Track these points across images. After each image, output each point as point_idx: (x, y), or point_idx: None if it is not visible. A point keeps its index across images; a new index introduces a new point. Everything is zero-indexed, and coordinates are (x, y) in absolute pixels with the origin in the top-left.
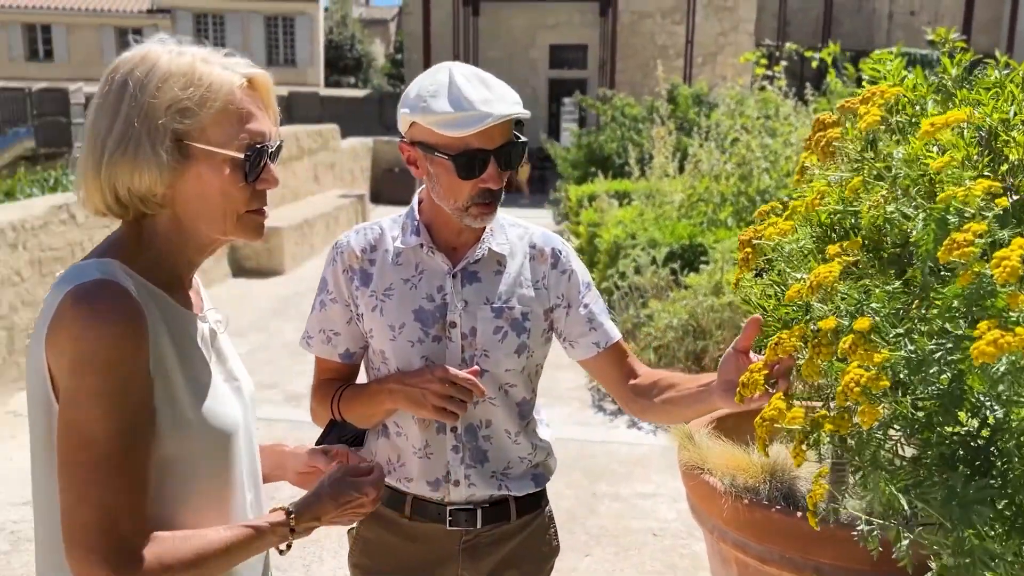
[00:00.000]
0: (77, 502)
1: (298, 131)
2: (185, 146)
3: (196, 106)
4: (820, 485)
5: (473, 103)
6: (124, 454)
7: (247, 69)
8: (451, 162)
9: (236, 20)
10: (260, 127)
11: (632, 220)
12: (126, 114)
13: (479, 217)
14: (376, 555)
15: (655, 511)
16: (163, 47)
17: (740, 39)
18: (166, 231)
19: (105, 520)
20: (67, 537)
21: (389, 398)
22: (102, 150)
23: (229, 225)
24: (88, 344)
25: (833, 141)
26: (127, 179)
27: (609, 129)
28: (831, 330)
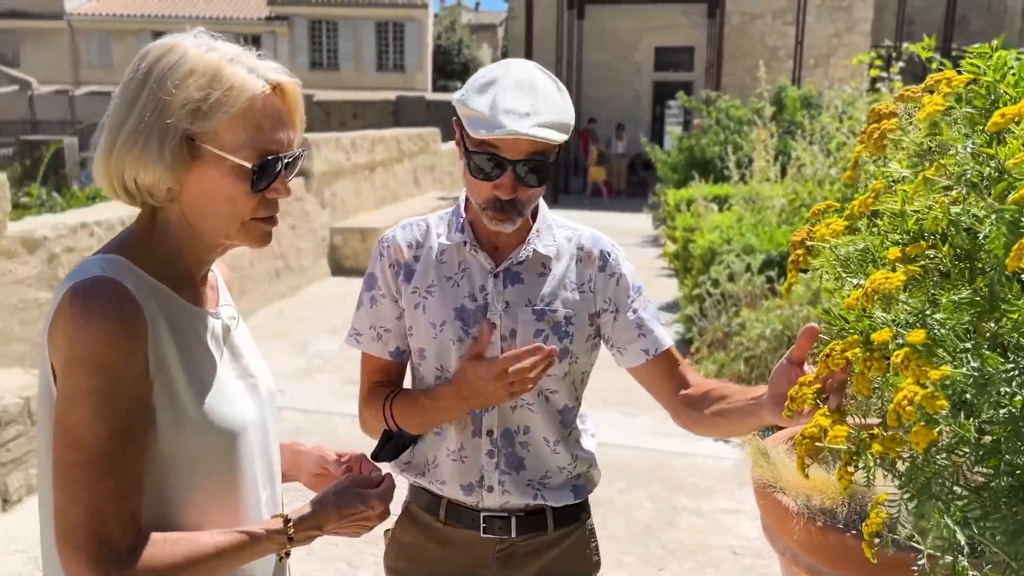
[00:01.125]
0: (68, 502)
1: (399, 134)
2: (196, 145)
3: (210, 109)
4: (878, 514)
5: (498, 109)
6: (115, 455)
7: (275, 75)
8: (466, 158)
9: (349, 27)
10: (277, 136)
11: (729, 226)
12: (141, 107)
13: (493, 221)
14: (411, 559)
15: (736, 528)
16: (194, 40)
17: (855, 40)
18: (177, 227)
19: (93, 521)
20: (58, 536)
21: (452, 411)
22: (115, 138)
23: (233, 230)
24: (80, 343)
25: (888, 133)
26: (133, 171)
27: (712, 132)
28: (885, 343)
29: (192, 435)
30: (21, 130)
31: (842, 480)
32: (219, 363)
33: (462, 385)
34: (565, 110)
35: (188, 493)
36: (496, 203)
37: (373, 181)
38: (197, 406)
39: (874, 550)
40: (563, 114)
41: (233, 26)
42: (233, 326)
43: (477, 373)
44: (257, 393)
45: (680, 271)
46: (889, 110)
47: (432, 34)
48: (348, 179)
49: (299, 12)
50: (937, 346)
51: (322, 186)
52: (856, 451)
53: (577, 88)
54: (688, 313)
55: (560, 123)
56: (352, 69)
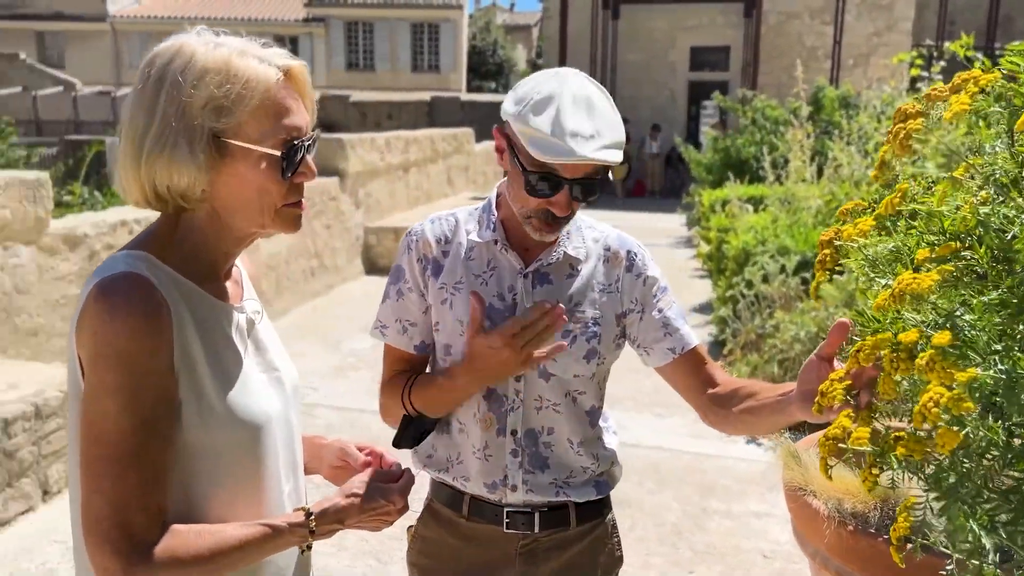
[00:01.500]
0: (93, 493)
1: (433, 134)
2: (223, 143)
3: (233, 104)
4: (906, 517)
5: (564, 132)
6: (138, 449)
7: (284, 60)
8: (524, 176)
9: (384, 28)
10: (296, 121)
11: (764, 227)
12: (163, 112)
13: (538, 231)
14: (434, 554)
15: (768, 532)
16: (199, 39)
17: (896, 39)
18: (203, 224)
19: (118, 513)
20: (84, 528)
21: (470, 388)
22: (140, 147)
23: (267, 219)
24: (105, 339)
25: (913, 133)
26: (166, 177)
27: (748, 132)
28: (912, 344)
29: (217, 428)
30: (65, 130)
31: (866, 482)
32: (244, 357)
33: (475, 360)
34: (620, 127)
35: (213, 486)
36: (548, 216)
37: (407, 181)
38: (222, 400)
39: (902, 554)
40: (620, 133)
41: (271, 27)
42: (257, 320)
43: (487, 343)
44: (281, 386)
45: (714, 272)
46: (915, 110)
47: (467, 35)
48: (382, 179)
49: (335, 13)
50: (967, 348)
51: (356, 186)
52: (881, 453)
53: (612, 88)
54: (721, 314)
55: (619, 142)
56: (388, 70)
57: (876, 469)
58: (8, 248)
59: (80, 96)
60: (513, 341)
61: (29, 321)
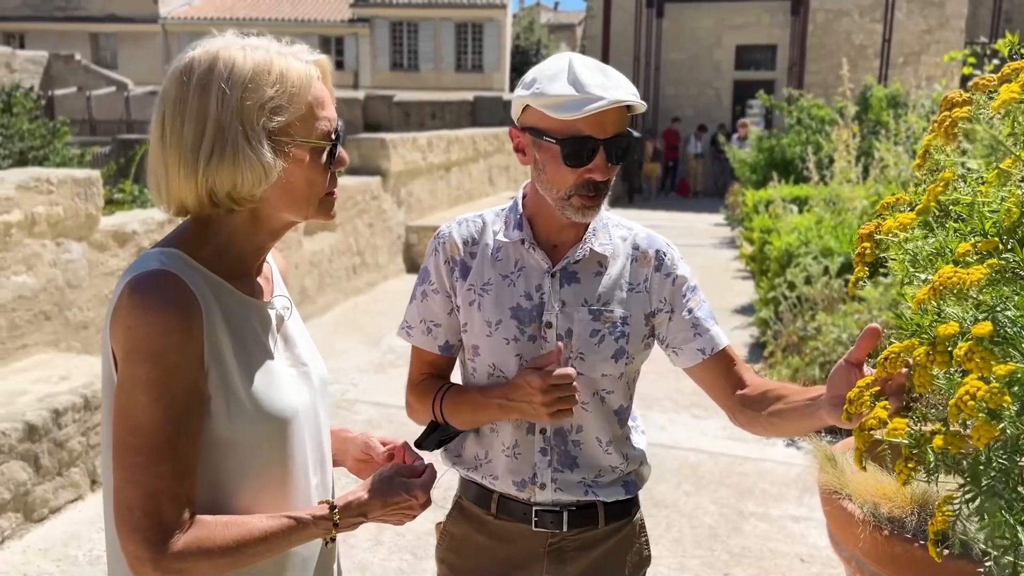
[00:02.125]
0: (124, 484)
1: (475, 134)
2: (278, 141)
3: (287, 103)
4: (944, 512)
5: (587, 86)
6: (169, 441)
7: (312, 56)
8: (558, 146)
9: (429, 27)
10: (332, 112)
11: (808, 228)
12: (216, 117)
13: (580, 210)
14: (462, 551)
15: (806, 536)
16: (233, 43)
17: (948, 37)
18: (238, 222)
19: (149, 503)
20: (116, 515)
21: (500, 412)
22: (196, 156)
23: (311, 210)
24: (138, 333)
25: (959, 122)
26: (228, 183)
27: (793, 131)
28: (951, 336)
29: (245, 422)
30: (117, 129)
31: (901, 475)
32: (272, 352)
33: (513, 388)
34: (633, 88)
35: (241, 478)
36: (589, 186)
37: (448, 180)
38: (250, 394)
39: (939, 550)
40: (632, 85)
41: (317, 28)
42: (287, 316)
43: (527, 379)
44: (309, 381)
45: (756, 273)
46: (962, 98)
47: (511, 34)
48: (424, 178)
49: (380, 14)
50: (1008, 344)
51: (398, 185)
52: (917, 446)
53: (655, 87)
54: (763, 316)
55: (636, 92)
56: (431, 70)
57: (911, 463)
58: (61, 244)
59: (132, 96)
60: (549, 390)
61: (80, 315)
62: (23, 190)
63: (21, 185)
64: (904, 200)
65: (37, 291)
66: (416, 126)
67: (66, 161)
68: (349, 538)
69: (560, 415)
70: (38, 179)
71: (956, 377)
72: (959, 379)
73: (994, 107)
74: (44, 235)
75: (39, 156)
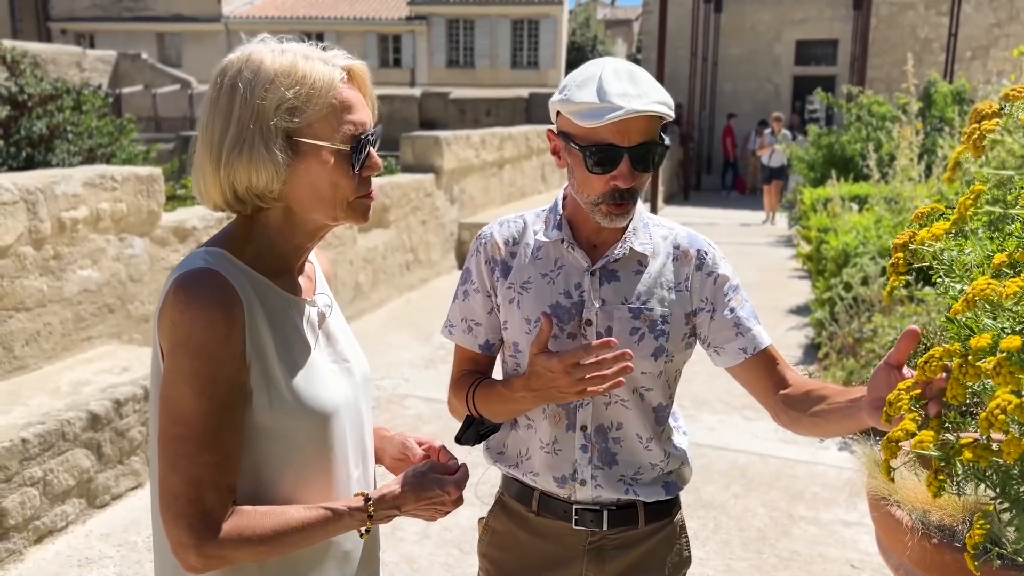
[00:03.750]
0: (168, 472)
1: (528, 131)
2: (295, 142)
3: (303, 104)
4: (982, 525)
5: (609, 95)
6: (212, 431)
7: (345, 61)
8: (581, 153)
9: (485, 25)
10: (361, 117)
11: (867, 227)
12: (238, 116)
13: (608, 216)
14: (504, 547)
15: (857, 542)
16: (266, 47)
17: (1019, 30)
18: (277, 222)
19: (192, 490)
20: (161, 502)
21: (528, 403)
22: (219, 152)
23: (340, 212)
24: (183, 328)
25: (988, 134)
26: (245, 178)
27: (854, 128)
28: (983, 348)
29: (286, 416)
30: (181, 126)
31: (931, 487)
32: (313, 348)
33: (532, 379)
34: (666, 93)
35: (282, 471)
36: (615, 194)
37: (501, 178)
38: (291, 389)
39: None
40: (666, 94)
41: (375, 26)
42: (328, 313)
43: (546, 366)
44: (351, 376)
45: (813, 273)
46: (992, 110)
47: (567, 30)
48: (477, 176)
49: (437, 11)
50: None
51: (451, 182)
52: (946, 458)
53: (712, 83)
54: (818, 317)
55: (667, 102)
56: (487, 67)
57: (942, 475)
58: (124, 239)
59: (195, 94)
60: (572, 369)
61: (141, 308)
62: (89, 187)
63: (87, 182)
64: (940, 209)
65: (101, 285)
66: (471, 123)
67: (132, 158)
68: (397, 531)
69: (586, 393)
70: (103, 176)
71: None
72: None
73: (1023, 119)
74: (108, 230)
75: (107, 153)
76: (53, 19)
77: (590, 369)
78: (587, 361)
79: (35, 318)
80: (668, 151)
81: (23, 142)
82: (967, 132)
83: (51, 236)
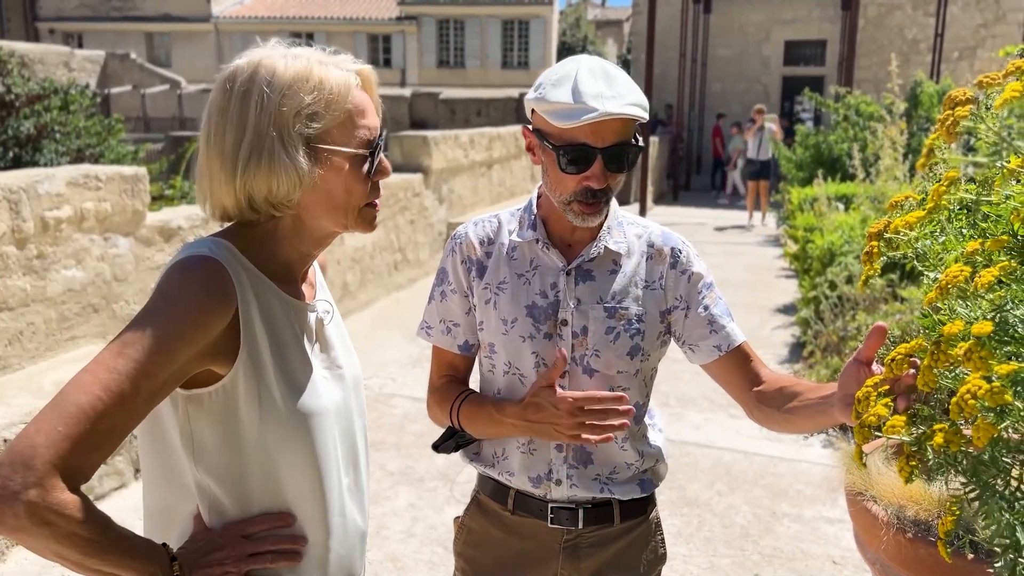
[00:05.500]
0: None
1: (517, 131)
2: (315, 148)
3: (324, 110)
4: (952, 512)
5: (584, 96)
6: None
7: (355, 66)
8: (555, 153)
9: (475, 25)
10: (373, 121)
11: (852, 226)
12: (255, 123)
13: (580, 215)
14: (479, 545)
15: (839, 538)
16: (276, 52)
17: (1006, 31)
18: (285, 229)
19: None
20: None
21: (517, 431)
22: (235, 160)
23: (351, 219)
24: (168, 297)
25: (961, 121)
26: (264, 188)
27: (840, 128)
28: (955, 335)
29: (274, 420)
30: (170, 126)
31: (902, 472)
32: (309, 354)
33: (530, 410)
34: (641, 94)
35: (270, 475)
36: (587, 194)
37: (490, 177)
38: (282, 392)
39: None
40: (642, 95)
41: (365, 26)
42: (327, 320)
43: (552, 401)
44: (343, 383)
45: (800, 272)
46: (965, 97)
47: (557, 31)
48: (466, 175)
49: (428, 12)
50: (1017, 344)
51: (440, 182)
52: (918, 443)
53: (702, 83)
54: (804, 316)
55: (642, 103)
56: (478, 67)
57: (913, 460)
58: (108, 239)
59: (185, 94)
60: (577, 412)
61: (126, 308)
62: (73, 186)
63: (71, 181)
64: (913, 198)
65: (85, 284)
66: (462, 123)
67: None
68: (381, 530)
69: (579, 439)
70: (87, 176)
71: (961, 376)
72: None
73: (996, 105)
74: (93, 230)
75: (95, 153)
76: (41, 19)
77: (596, 416)
78: (594, 407)
79: (18, 318)
80: (641, 152)
81: (10, 142)
82: (941, 119)
83: (34, 235)
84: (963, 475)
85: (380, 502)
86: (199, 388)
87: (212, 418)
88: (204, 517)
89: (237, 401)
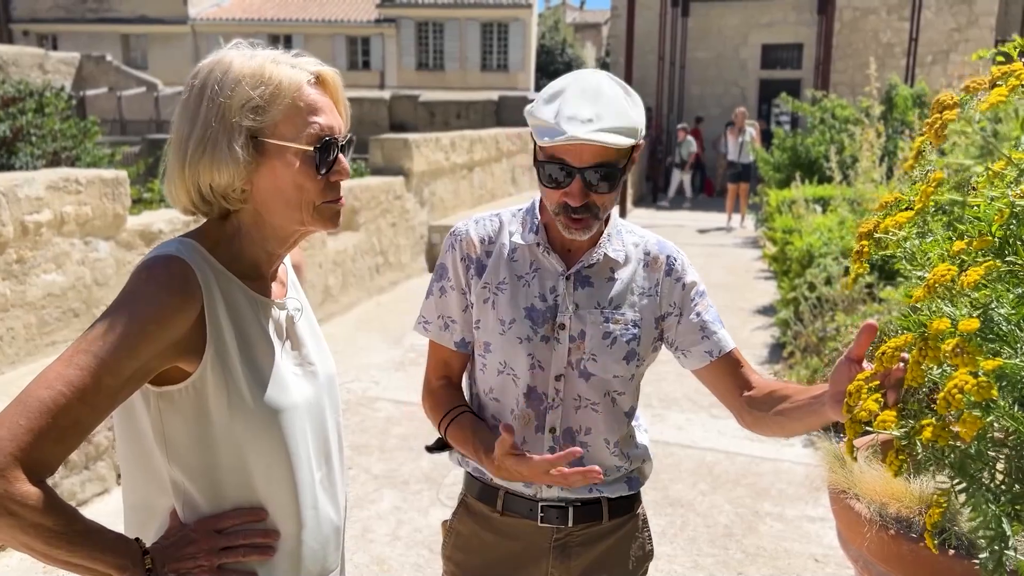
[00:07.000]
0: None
1: (498, 134)
2: (259, 142)
3: (267, 103)
4: (939, 504)
5: (562, 117)
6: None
7: (316, 67)
8: (538, 167)
9: (454, 27)
10: (328, 121)
11: (830, 228)
12: (204, 115)
13: (567, 228)
14: (468, 549)
15: (821, 536)
16: (237, 52)
17: (978, 35)
18: (247, 226)
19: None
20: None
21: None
22: (185, 151)
23: (306, 216)
24: (133, 294)
25: (948, 124)
26: (208, 176)
27: (818, 131)
28: (942, 332)
29: (243, 415)
30: (147, 129)
31: (891, 466)
32: (278, 351)
33: (501, 469)
34: (632, 116)
35: (240, 471)
36: (567, 209)
37: (471, 180)
38: (250, 388)
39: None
40: (629, 119)
41: (344, 28)
42: (297, 317)
43: (518, 469)
44: (315, 378)
45: (779, 274)
46: (952, 100)
47: (536, 34)
48: (447, 178)
49: (406, 14)
50: (1002, 341)
51: (421, 185)
52: (907, 437)
53: (680, 87)
54: (783, 317)
55: (625, 128)
56: (457, 69)
57: (903, 454)
58: (89, 243)
59: (161, 96)
60: (543, 476)
61: None
62: (53, 190)
63: (51, 185)
64: (903, 199)
65: (66, 289)
66: (441, 126)
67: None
68: (367, 532)
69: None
70: (67, 179)
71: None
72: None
73: (982, 109)
74: (73, 234)
75: (71, 156)
76: (15, 20)
77: (556, 478)
78: (554, 472)
79: None
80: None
81: None
82: (929, 122)
83: (13, 240)
84: (951, 468)
85: (365, 505)
86: (170, 385)
87: (183, 415)
88: (179, 513)
89: (206, 398)
